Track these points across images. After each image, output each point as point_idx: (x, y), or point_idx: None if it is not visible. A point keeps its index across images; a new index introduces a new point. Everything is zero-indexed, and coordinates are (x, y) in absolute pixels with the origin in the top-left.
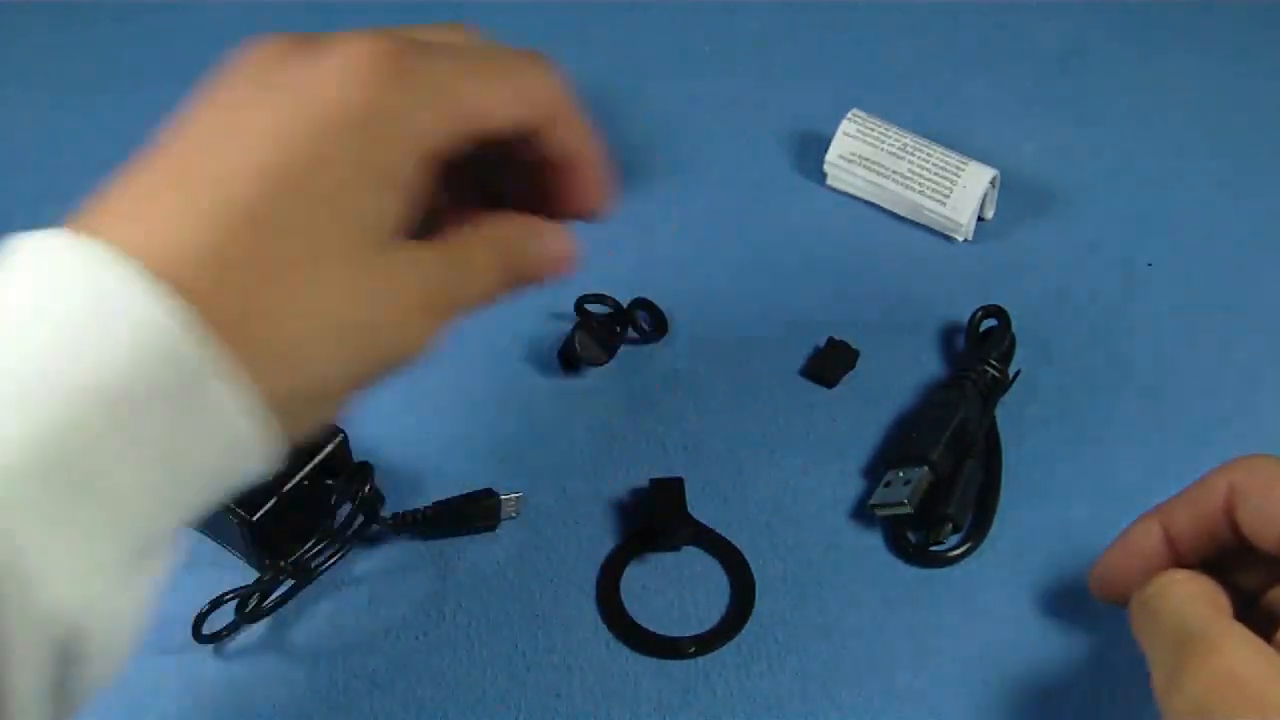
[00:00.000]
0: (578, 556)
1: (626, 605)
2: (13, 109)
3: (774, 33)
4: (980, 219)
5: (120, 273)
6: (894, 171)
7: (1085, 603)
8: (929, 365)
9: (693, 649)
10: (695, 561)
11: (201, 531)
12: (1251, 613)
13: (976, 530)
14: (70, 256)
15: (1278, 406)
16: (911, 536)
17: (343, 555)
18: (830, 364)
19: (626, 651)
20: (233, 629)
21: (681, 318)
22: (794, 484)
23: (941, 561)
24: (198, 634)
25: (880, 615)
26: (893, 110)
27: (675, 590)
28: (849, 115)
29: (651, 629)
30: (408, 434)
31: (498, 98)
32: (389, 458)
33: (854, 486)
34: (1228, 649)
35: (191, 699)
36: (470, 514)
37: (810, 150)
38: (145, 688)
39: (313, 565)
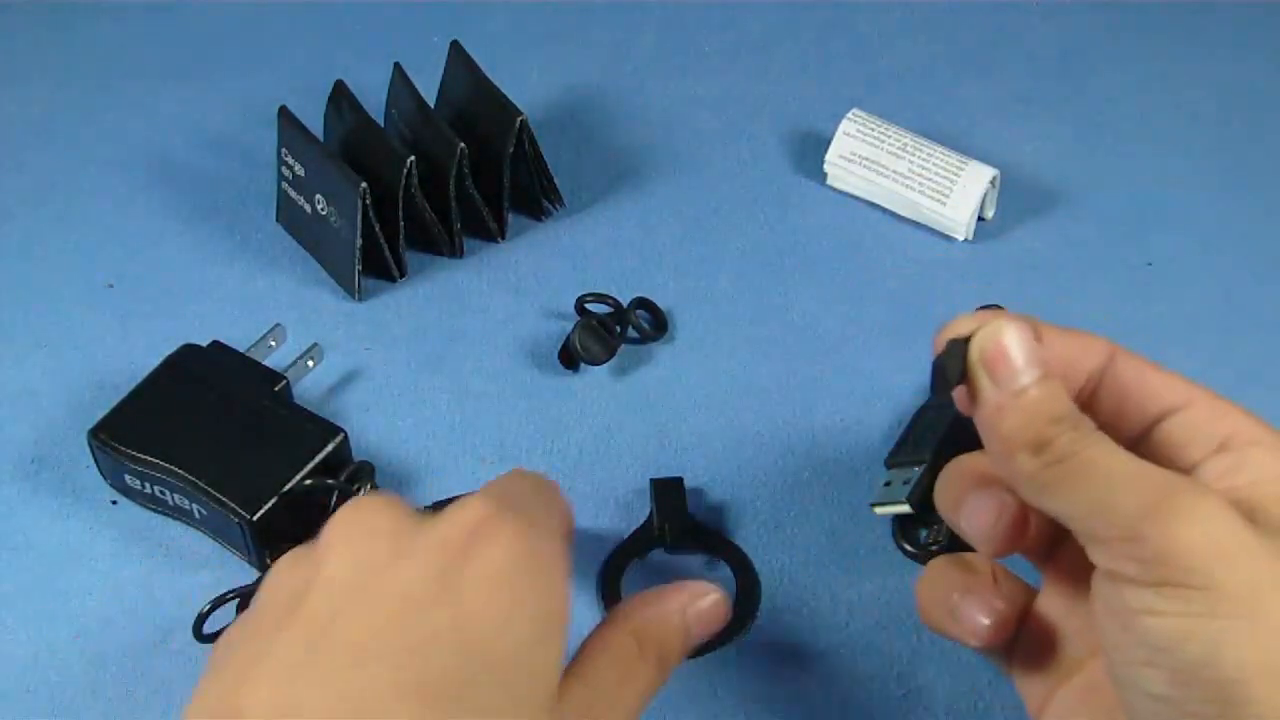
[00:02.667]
0: (578, 556)
1: None
2: (13, 109)
3: (774, 33)
4: (980, 218)
5: None
6: (894, 171)
7: None
8: (929, 364)
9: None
10: (697, 561)
11: (202, 531)
12: None
13: None
14: None
15: (1278, 406)
16: (911, 536)
17: None
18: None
19: None
20: None
21: (681, 318)
22: (794, 483)
23: None
24: (199, 634)
25: (883, 615)
26: (893, 110)
27: None
28: (849, 115)
29: None
30: (408, 434)
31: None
32: (389, 458)
33: (855, 486)
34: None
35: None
36: None
37: (810, 150)
38: (146, 687)
39: None
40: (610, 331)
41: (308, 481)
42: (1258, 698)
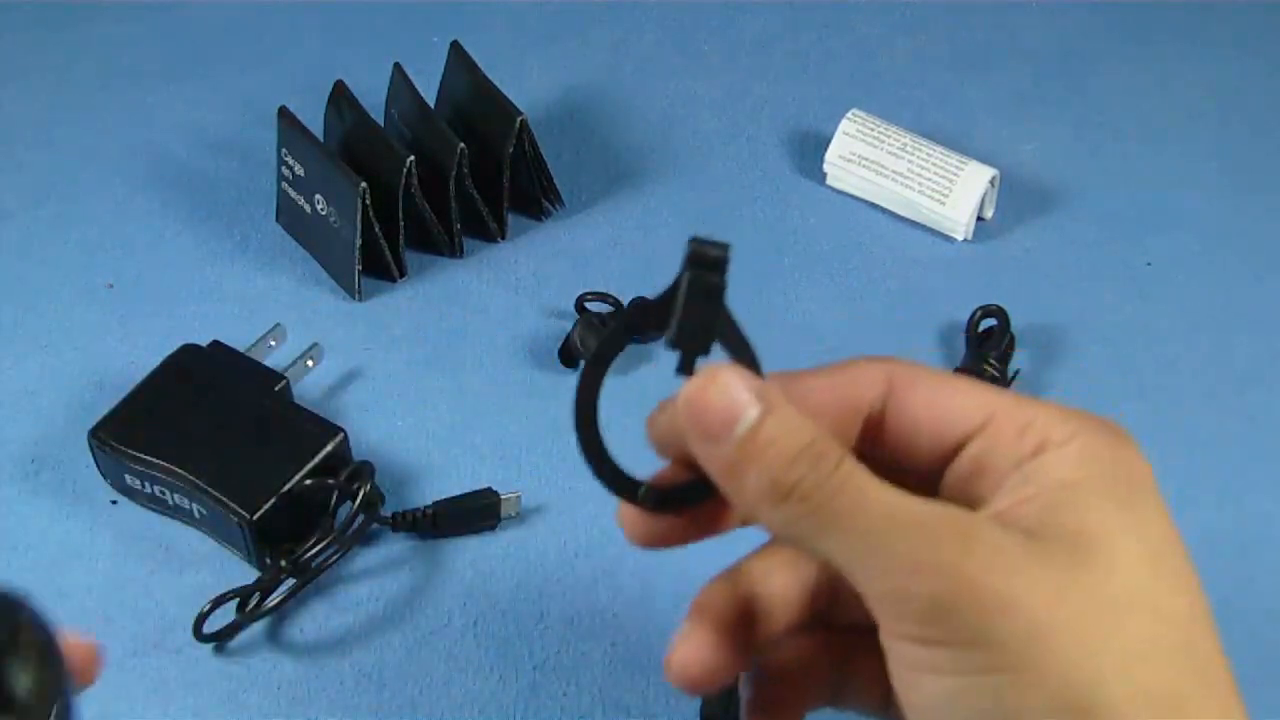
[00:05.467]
0: (578, 556)
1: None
2: (13, 109)
3: (774, 33)
4: (980, 218)
5: None
6: (893, 171)
7: None
8: (928, 365)
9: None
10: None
11: (202, 531)
12: None
13: None
14: None
15: (1278, 406)
16: None
17: (343, 554)
18: None
19: (626, 649)
20: (233, 628)
21: None
22: None
23: None
24: (199, 633)
25: None
26: (893, 110)
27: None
28: (849, 115)
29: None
30: (408, 434)
31: None
32: (389, 457)
33: None
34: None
35: (192, 698)
36: (470, 513)
37: (810, 150)
38: (146, 687)
39: (313, 564)
40: None
41: (307, 481)
42: None
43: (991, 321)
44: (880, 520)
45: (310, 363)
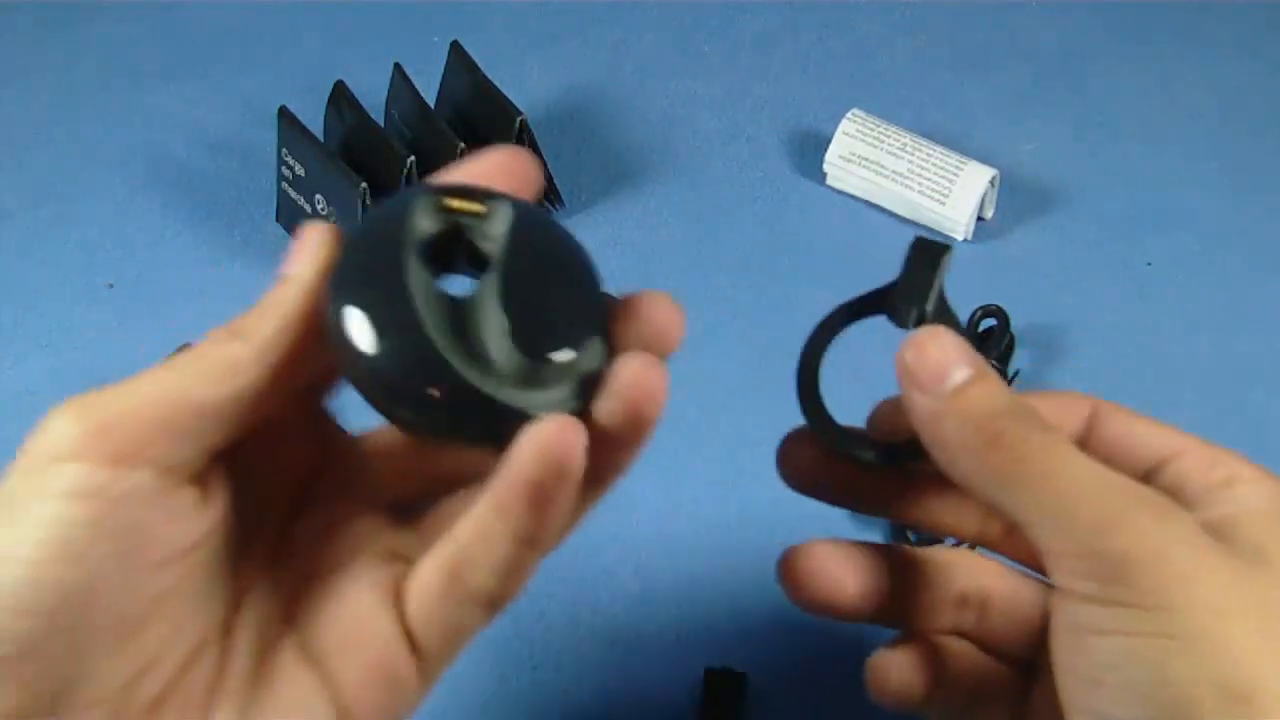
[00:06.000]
0: (578, 556)
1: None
2: (13, 109)
3: (774, 33)
4: (980, 219)
5: None
6: (893, 171)
7: None
8: None
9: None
10: None
11: None
12: None
13: None
14: None
15: (1277, 406)
16: (912, 535)
17: None
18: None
19: (626, 649)
20: None
21: None
22: None
23: None
24: None
25: None
26: (893, 110)
27: None
28: (849, 115)
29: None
30: None
31: None
32: None
33: None
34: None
35: None
36: None
37: (810, 150)
38: None
39: None
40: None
41: None
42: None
43: (991, 321)
44: (1079, 480)
45: None
